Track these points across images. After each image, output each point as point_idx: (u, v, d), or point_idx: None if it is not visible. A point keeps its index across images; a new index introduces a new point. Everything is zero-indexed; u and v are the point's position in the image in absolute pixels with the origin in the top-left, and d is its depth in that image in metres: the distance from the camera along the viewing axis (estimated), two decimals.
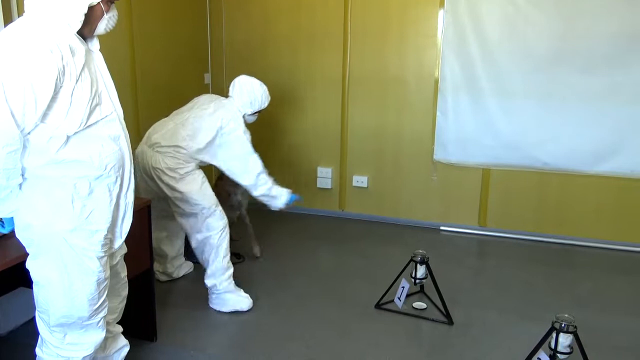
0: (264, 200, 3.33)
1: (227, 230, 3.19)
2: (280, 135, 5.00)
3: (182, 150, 3.09)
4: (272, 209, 3.40)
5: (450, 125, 4.52)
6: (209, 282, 3.17)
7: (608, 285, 3.72)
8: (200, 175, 3.18)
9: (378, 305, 3.27)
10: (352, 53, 4.68)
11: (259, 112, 3.39)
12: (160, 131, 3.16)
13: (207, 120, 3.14)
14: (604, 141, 4.20)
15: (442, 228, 4.72)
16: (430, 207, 4.75)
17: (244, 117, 3.28)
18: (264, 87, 3.38)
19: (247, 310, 3.17)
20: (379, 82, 4.66)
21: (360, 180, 4.88)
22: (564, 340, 2.39)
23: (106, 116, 1.88)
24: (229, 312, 3.16)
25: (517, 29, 4.22)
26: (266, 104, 3.39)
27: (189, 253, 3.46)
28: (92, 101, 1.81)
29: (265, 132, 4.84)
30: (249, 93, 3.28)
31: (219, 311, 3.17)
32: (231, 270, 3.19)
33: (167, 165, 3.08)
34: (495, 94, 4.36)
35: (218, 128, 3.11)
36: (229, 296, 3.18)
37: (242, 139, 3.16)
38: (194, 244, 3.20)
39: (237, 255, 3.89)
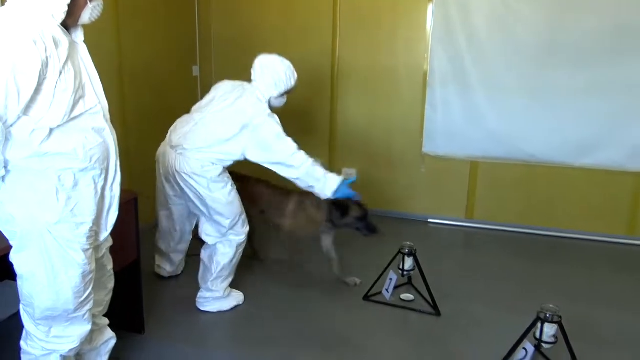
0: (311, 187, 2.96)
1: (243, 246, 3.08)
2: None
3: (205, 151, 2.86)
4: (324, 198, 3.01)
5: (438, 118, 4.54)
6: (204, 292, 3.09)
7: (594, 277, 3.76)
8: (229, 183, 2.96)
9: (366, 297, 3.28)
10: (341, 46, 4.67)
11: (286, 93, 3.02)
12: (181, 130, 2.94)
13: (228, 113, 2.87)
14: (590, 134, 4.24)
15: (430, 220, 4.74)
16: (418, 200, 4.77)
17: (269, 101, 2.97)
18: (287, 64, 2.97)
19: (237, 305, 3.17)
20: (369, 75, 4.66)
21: (350, 173, 4.88)
22: (549, 330, 2.42)
23: (90, 109, 1.87)
24: None
25: (506, 24, 4.23)
26: (293, 83, 2.99)
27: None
28: (76, 94, 1.79)
29: None
30: (271, 74, 2.91)
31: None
32: (229, 281, 3.13)
33: (192, 170, 2.86)
34: (484, 88, 4.38)
35: (242, 125, 2.83)
36: (222, 301, 3.12)
37: (269, 126, 2.85)
38: (205, 245, 3.09)
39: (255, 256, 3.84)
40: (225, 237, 2.99)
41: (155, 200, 3.31)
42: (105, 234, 2.01)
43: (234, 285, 3.20)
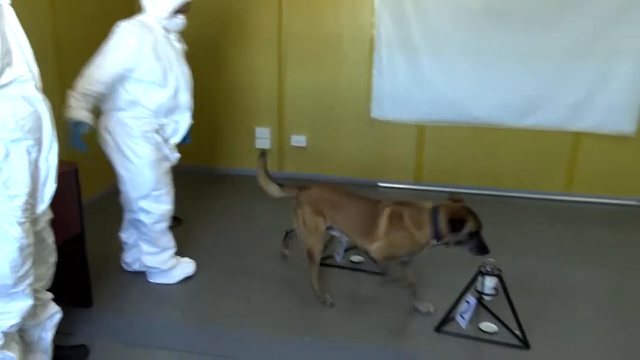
0: None
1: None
2: (217, 94, 4.90)
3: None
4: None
5: (385, 82, 4.57)
6: (148, 261, 2.98)
7: (534, 232, 3.94)
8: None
9: (323, 262, 3.31)
10: (287, 11, 4.60)
11: (178, 11, 2.67)
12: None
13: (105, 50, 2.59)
14: (532, 96, 4.39)
15: (379, 184, 4.82)
16: (367, 164, 4.84)
17: (165, 27, 2.68)
18: None
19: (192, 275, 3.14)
20: (315, 40, 4.63)
21: (298, 140, 4.88)
22: (489, 283, 2.54)
23: (20, 76, 1.78)
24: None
25: None
26: None
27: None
28: (2, 61, 1.70)
29: (201, 91, 4.72)
30: None
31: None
32: (170, 254, 3.04)
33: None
34: (429, 52, 4.43)
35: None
36: (173, 270, 3.06)
37: (112, 35, 2.59)
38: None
39: (174, 219, 3.79)
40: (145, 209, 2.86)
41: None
42: (42, 206, 1.95)
43: None
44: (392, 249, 2.62)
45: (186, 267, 3.13)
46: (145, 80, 2.63)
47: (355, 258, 3.38)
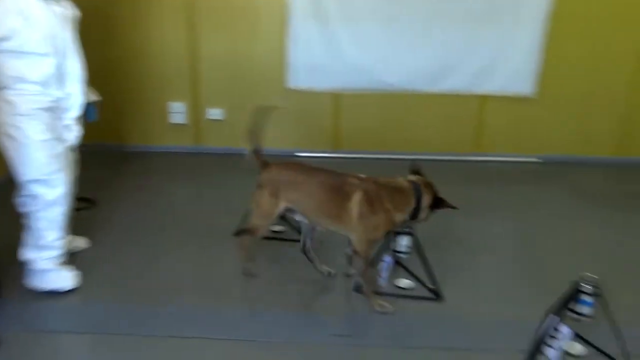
0: None
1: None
2: (126, 66, 4.68)
3: None
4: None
5: (300, 52, 4.55)
6: (28, 254, 2.66)
7: (448, 191, 4.10)
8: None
9: (237, 233, 3.31)
10: None
11: None
12: None
13: None
14: (441, 62, 4.55)
15: (298, 154, 4.84)
16: (285, 135, 4.83)
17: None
18: None
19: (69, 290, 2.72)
20: (229, 10, 4.51)
21: (215, 113, 4.79)
22: (403, 241, 2.65)
23: None
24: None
25: None
26: None
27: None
28: None
29: (105, 63, 4.50)
30: None
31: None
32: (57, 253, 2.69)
33: None
34: (342, 19, 4.45)
35: None
36: (50, 274, 2.69)
37: None
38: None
39: (85, 200, 3.63)
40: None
41: None
42: None
43: None
44: (370, 233, 2.45)
45: (64, 278, 2.71)
46: (24, 52, 2.40)
47: (276, 228, 3.40)
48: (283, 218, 3.06)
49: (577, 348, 2.33)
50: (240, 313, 2.56)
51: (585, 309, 2.20)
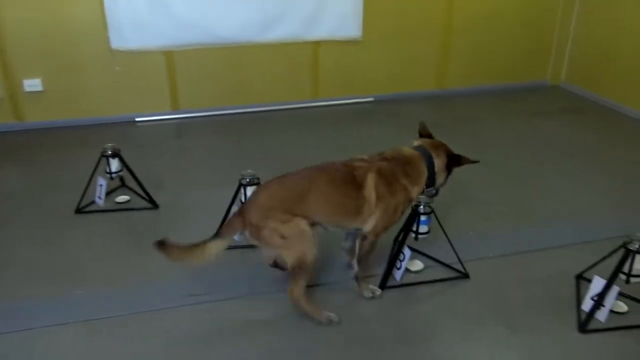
0: None
1: None
2: None
3: None
4: None
5: (121, 8, 4.24)
6: None
7: (293, 140, 4.25)
8: None
9: (78, 210, 3.12)
10: None
11: None
12: None
13: None
14: (270, 10, 4.55)
15: (137, 119, 4.61)
16: (120, 100, 4.55)
17: None
18: None
19: None
20: None
21: (32, 84, 4.32)
22: (251, 192, 2.69)
23: None
24: None
25: None
26: None
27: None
28: None
29: None
30: None
31: None
32: None
33: None
34: None
35: None
36: None
37: None
38: None
39: None
40: None
41: None
42: None
43: None
44: (390, 217, 2.19)
45: None
46: None
47: (120, 198, 3.25)
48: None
49: (417, 264, 2.62)
50: (96, 293, 2.45)
51: (424, 228, 2.47)
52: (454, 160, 2.27)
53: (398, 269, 2.49)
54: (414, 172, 2.19)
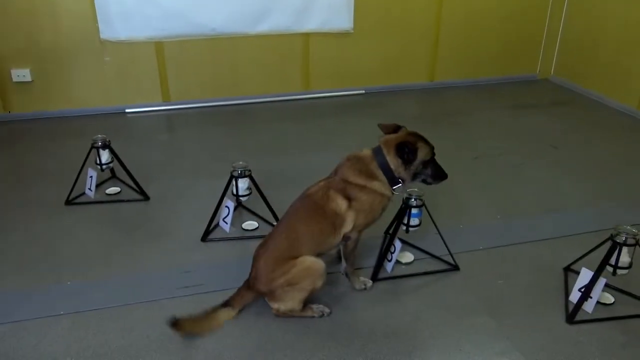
0: None
1: None
2: None
3: None
4: None
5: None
6: None
7: (283, 132, 4.25)
8: None
9: (68, 202, 3.10)
10: None
11: None
12: None
13: None
14: (261, 2, 4.53)
15: (127, 110, 4.58)
16: (109, 91, 4.53)
17: None
18: None
19: None
20: None
21: (21, 74, 4.28)
22: (243, 184, 2.70)
23: None
24: None
25: None
26: None
27: None
28: None
29: None
30: None
31: None
32: None
33: None
34: None
35: None
36: None
37: None
38: None
39: None
40: None
41: None
42: None
43: None
44: (367, 215, 2.27)
45: None
46: None
47: (111, 190, 3.24)
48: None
49: (408, 256, 2.64)
50: (87, 285, 2.45)
51: (415, 221, 2.49)
52: (402, 150, 2.20)
53: (389, 261, 2.51)
54: (366, 169, 2.24)
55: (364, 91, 5.10)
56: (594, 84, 4.97)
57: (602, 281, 2.20)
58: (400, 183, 2.27)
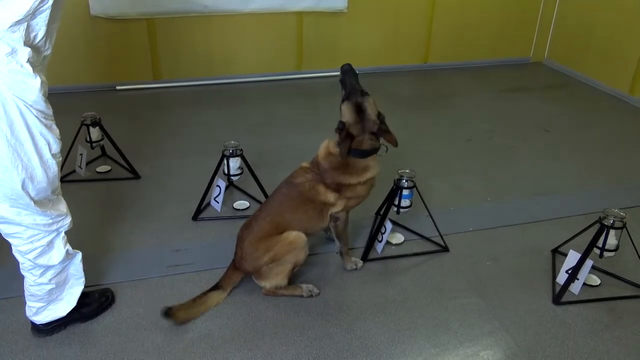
0: None
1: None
2: None
3: None
4: None
5: None
6: None
7: (275, 111, 4.22)
8: None
9: (61, 180, 3.07)
10: None
11: None
12: None
13: None
14: None
15: (117, 87, 4.53)
16: (101, 68, 4.47)
17: None
18: None
19: None
20: None
21: None
22: (234, 164, 2.70)
23: None
24: None
25: None
26: None
27: None
28: None
29: None
30: None
31: None
32: None
33: None
34: None
35: None
36: None
37: None
38: None
39: None
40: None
41: None
42: None
43: None
44: (357, 199, 2.28)
45: None
46: None
47: (100, 168, 3.22)
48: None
49: (398, 237, 2.66)
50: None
51: (406, 202, 2.50)
52: (340, 129, 2.21)
53: (379, 241, 2.53)
54: (352, 165, 2.20)
55: (357, 72, 5.05)
56: (587, 67, 4.97)
57: (589, 263, 2.23)
58: (377, 148, 2.21)
